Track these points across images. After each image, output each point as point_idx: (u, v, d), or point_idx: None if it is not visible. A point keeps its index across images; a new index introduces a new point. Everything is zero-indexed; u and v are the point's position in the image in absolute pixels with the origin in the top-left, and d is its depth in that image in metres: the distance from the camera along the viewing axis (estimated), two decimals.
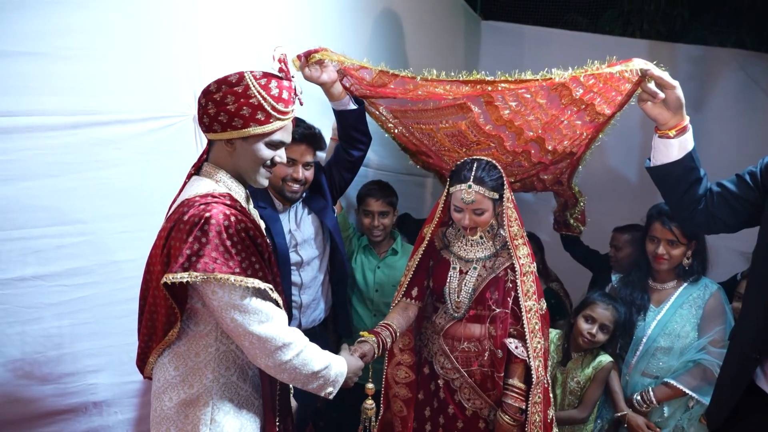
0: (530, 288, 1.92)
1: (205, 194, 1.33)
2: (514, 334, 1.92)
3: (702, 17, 4.60)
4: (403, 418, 2.02)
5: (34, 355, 1.72)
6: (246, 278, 1.27)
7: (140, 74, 1.73)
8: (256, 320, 1.30)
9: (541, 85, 1.68)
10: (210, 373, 1.36)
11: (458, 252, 2.01)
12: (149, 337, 1.40)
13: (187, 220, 1.27)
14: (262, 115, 1.34)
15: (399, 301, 2.04)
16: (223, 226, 1.26)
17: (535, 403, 1.85)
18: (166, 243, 1.30)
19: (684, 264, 2.18)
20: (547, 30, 4.23)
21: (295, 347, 1.35)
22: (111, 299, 1.80)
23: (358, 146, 2.15)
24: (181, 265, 1.23)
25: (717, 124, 3.69)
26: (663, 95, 1.48)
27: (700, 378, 2.07)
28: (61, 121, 1.63)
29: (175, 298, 1.30)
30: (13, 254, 1.64)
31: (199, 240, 1.24)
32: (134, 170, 1.77)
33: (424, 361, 2.08)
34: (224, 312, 1.29)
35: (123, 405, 1.90)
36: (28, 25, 1.54)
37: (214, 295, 1.28)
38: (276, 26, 2.11)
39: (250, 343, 1.31)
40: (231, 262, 1.26)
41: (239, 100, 1.32)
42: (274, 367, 1.35)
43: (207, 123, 1.36)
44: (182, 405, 1.35)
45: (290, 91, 1.39)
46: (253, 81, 1.32)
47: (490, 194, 1.88)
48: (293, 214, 2.13)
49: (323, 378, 1.42)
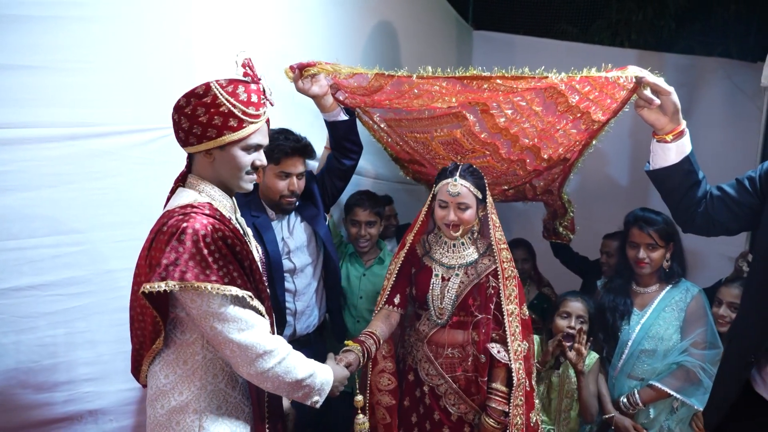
0: (512, 292, 1.94)
1: (185, 205, 1.34)
2: (496, 338, 1.95)
3: (689, 27, 4.69)
4: (386, 425, 2.03)
5: (29, 363, 1.73)
6: (223, 286, 1.27)
7: (135, 87, 1.75)
8: (235, 328, 1.31)
9: (537, 91, 1.67)
10: (198, 380, 1.37)
11: (440, 259, 2.03)
12: (140, 346, 1.42)
13: (165, 230, 1.29)
14: (235, 121, 1.35)
15: (381, 309, 2.06)
16: (200, 235, 1.27)
17: (517, 406, 1.87)
18: (148, 254, 1.32)
19: (664, 266, 2.22)
20: (537, 40, 4.31)
21: (277, 355, 1.36)
22: (106, 308, 1.81)
23: (350, 155, 2.18)
24: (159, 275, 1.24)
25: (705, 131, 3.74)
26: (659, 101, 1.51)
27: (683, 379, 2.11)
28: (58, 132, 1.66)
29: (158, 308, 1.31)
30: (9, 264, 1.65)
31: (176, 249, 1.25)
32: (129, 180, 1.79)
33: (408, 368, 2.09)
34: (204, 320, 1.30)
35: (118, 413, 1.91)
36: (27, 39, 1.57)
37: (193, 303, 1.29)
38: (269, 38, 2.14)
39: (231, 351, 1.32)
40: (208, 270, 1.26)
41: (209, 111, 1.33)
42: (256, 376, 1.35)
43: (183, 137, 1.37)
44: (173, 412, 1.36)
45: (259, 94, 1.39)
46: (219, 90, 1.33)
47: (475, 191, 1.93)
48: (286, 222, 2.16)
49: (308, 387, 1.42)
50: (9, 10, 1.54)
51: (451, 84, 1.68)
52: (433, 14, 3.76)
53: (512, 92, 1.70)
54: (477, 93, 1.69)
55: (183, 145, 1.40)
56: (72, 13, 1.63)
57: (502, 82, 1.59)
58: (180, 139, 1.39)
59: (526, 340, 1.96)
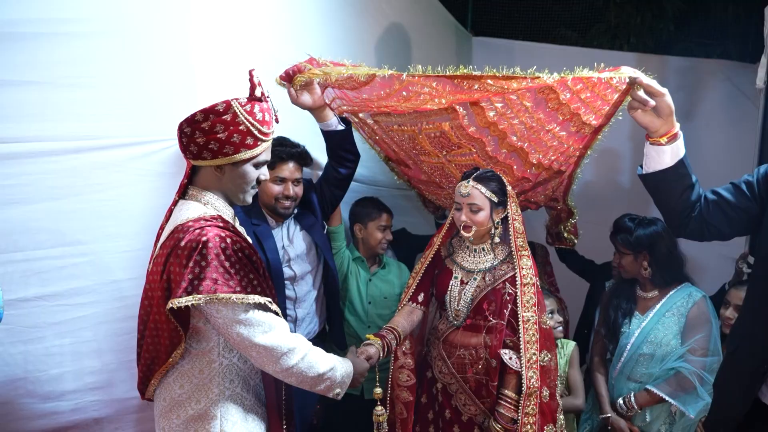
0: (530, 299, 1.93)
1: (197, 218, 1.37)
2: (510, 345, 1.95)
3: (687, 30, 4.70)
4: (403, 420, 2.06)
5: (36, 373, 1.75)
6: (246, 295, 1.34)
7: (138, 100, 1.79)
8: (260, 331, 1.37)
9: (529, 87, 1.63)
10: (215, 387, 1.42)
11: (461, 262, 2.07)
12: (152, 361, 1.45)
13: (184, 246, 1.32)
14: (251, 139, 1.39)
15: (405, 305, 2.11)
16: (220, 248, 1.32)
17: (528, 414, 1.86)
18: (164, 269, 1.35)
19: (643, 274, 2.24)
20: (536, 45, 4.33)
21: (299, 351, 1.43)
22: (111, 317, 1.84)
23: (346, 164, 2.20)
24: (185, 290, 1.29)
25: (705, 133, 3.76)
26: (653, 103, 1.46)
27: (677, 386, 2.10)
28: (62, 146, 1.69)
29: (179, 321, 1.36)
30: (16, 275, 1.69)
31: (199, 264, 1.30)
32: (133, 192, 1.82)
33: (427, 366, 2.13)
34: (230, 328, 1.35)
35: (123, 421, 1.93)
36: (31, 55, 1.61)
37: (218, 313, 1.34)
38: (268, 50, 2.17)
39: (257, 353, 1.38)
40: (231, 282, 1.32)
41: (228, 128, 1.36)
42: (281, 372, 1.42)
43: (195, 151, 1.39)
44: (191, 420, 1.41)
45: (270, 112, 1.45)
46: (240, 108, 1.37)
47: (488, 194, 1.94)
48: (286, 230, 2.18)
49: (330, 379, 1.49)
50: (14, 28, 1.58)
51: (441, 85, 1.65)
52: (432, 21, 3.79)
53: (503, 93, 1.68)
54: (468, 94, 1.66)
55: (194, 158, 1.42)
56: (75, 29, 1.66)
57: (493, 83, 1.56)
58: (191, 152, 1.41)
59: (547, 351, 1.94)
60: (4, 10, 1.56)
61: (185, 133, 1.40)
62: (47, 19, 1.63)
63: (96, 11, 1.69)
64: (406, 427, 2.05)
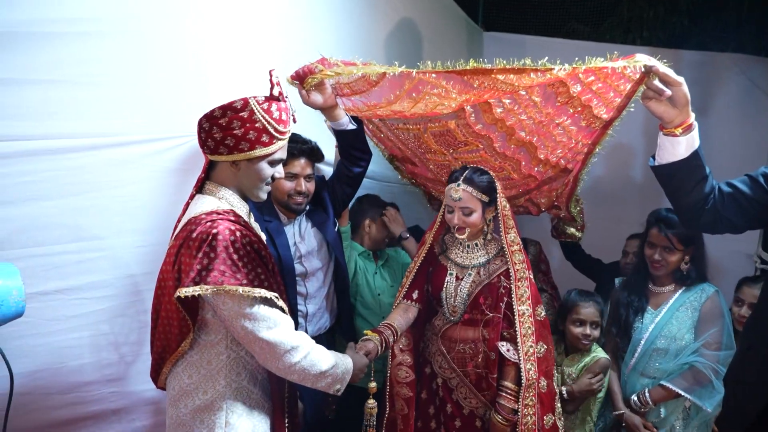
0: (524, 293, 1.97)
1: (210, 212, 1.41)
2: (507, 337, 1.98)
3: (701, 23, 4.64)
4: (404, 416, 2.09)
5: (56, 365, 1.79)
6: (253, 289, 1.35)
7: (153, 98, 1.82)
8: (264, 326, 1.38)
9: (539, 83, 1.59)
10: (222, 379, 1.44)
11: (455, 258, 2.09)
12: (163, 349, 1.49)
13: (195, 237, 1.35)
14: (267, 137, 1.42)
15: (400, 303, 2.13)
16: (230, 240, 1.34)
17: (527, 405, 1.90)
18: (176, 260, 1.38)
19: (682, 269, 2.21)
20: (548, 39, 4.30)
21: (303, 350, 1.44)
22: (128, 311, 1.88)
23: (359, 163, 2.22)
24: (193, 280, 1.31)
25: (720, 127, 3.71)
26: (669, 92, 1.42)
27: (693, 380, 2.10)
28: (79, 143, 1.72)
29: (188, 311, 1.38)
30: (36, 270, 1.71)
31: (208, 255, 1.33)
32: (149, 188, 1.85)
33: (425, 361, 2.15)
34: (235, 321, 1.37)
35: (141, 412, 1.97)
36: (48, 54, 1.63)
37: (224, 305, 1.36)
38: (280, 49, 2.19)
39: (260, 348, 1.40)
40: (239, 274, 1.34)
41: (245, 125, 1.40)
42: (284, 369, 1.43)
43: (212, 146, 1.43)
44: (197, 411, 1.43)
45: (287, 112, 1.48)
46: (257, 106, 1.40)
47: (479, 195, 1.96)
48: (297, 227, 2.21)
49: (331, 377, 1.51)
50: (32, 28, 1.61)
51: (451, 85, 1.61)
52: (442, 16, 3.78)
53: (514, 91, 1.64)
54: (477, 94, 1.62)
55: (211, 153, 1.46)
56: (90, 29, 1.69)
57: (504, 78, 1.51)
58: (208, 147, 1.45)
59: (543, 341, 1.97)
60: (30, 9, 1.60)
61: (203, 128, 1.43)
62: (65, 20, 1.66)
63: (111, 11, 1.72)
64: (408, 423, 2.07)
